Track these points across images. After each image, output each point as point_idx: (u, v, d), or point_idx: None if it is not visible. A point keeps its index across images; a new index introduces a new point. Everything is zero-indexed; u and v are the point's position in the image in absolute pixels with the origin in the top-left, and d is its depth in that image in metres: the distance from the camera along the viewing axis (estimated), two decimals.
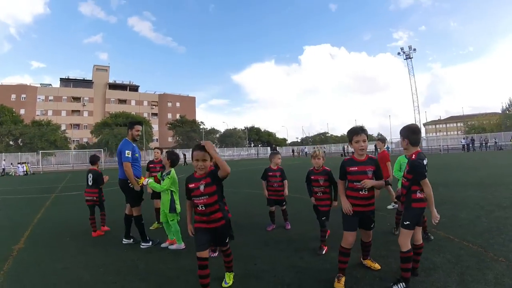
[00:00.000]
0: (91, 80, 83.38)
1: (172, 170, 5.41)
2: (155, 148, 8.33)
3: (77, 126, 77.88)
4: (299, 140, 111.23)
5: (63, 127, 62.37)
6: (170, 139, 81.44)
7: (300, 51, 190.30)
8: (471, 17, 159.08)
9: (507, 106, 66.98)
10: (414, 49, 70.47)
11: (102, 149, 46.95)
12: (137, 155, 5.68)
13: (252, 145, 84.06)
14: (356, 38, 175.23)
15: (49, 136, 52.21)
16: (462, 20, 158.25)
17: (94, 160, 7.28)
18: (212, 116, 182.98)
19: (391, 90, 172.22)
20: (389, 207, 7.65)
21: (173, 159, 5.50)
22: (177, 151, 53.70)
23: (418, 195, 3.48)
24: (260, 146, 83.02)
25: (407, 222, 3.46)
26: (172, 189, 5.30)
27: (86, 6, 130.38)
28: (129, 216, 5.72)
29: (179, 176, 5.51)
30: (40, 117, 63.40)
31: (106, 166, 44.37)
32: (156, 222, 6.74)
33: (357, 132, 3.76)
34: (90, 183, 6.86)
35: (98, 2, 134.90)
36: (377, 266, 4.00)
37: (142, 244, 5.52)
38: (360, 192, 3.65)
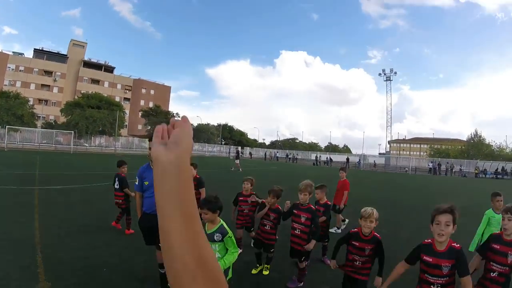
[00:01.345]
0: (66, 55, 78.93)
1: (222, 222, 3.55)
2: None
3: (45, 102, 73.39)
4: (267, 143, 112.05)
5: (30, 102, 59.10)
6: (140, 127, 79.65)
7: (276, 54, 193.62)
8: (445, 47, 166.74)
9: (472, 136, 71.37)
10: (395, 72, 73.71)
11: (72, 131, 44.88)
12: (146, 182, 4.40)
13: (223, 142, 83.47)
14: (333, 50, 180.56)
15: (17, 110, 49.18)
16: (436, 48, 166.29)
17: (120, 164, 7.49)
18: (180, 107, 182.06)
19: (359, 105, 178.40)
20: (331, 230, 7.69)
21: (214, 205, 3.49)
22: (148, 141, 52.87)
23: None
24: (232, 146, 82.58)
25: None
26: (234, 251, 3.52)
27: None
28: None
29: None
30: (8, 88, 59.42)
31: (76, 149, 42.88)
32: None
33: (441, 210, 2.97)
34: (116, 187, 7.23)
35: None
36: None
37: None
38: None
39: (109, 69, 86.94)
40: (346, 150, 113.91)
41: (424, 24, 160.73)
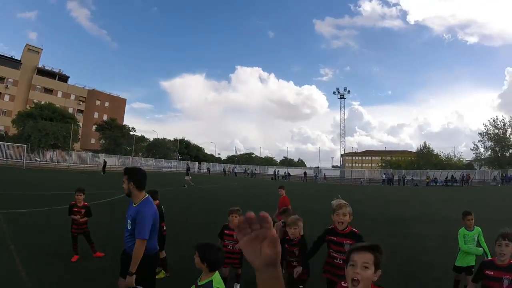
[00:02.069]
0: (20, 61, 74.47)
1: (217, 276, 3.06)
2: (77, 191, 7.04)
3: None
4: (222, 158, 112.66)
5: None
6: (93, 141, 77.45)
7: (232, 70, 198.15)
8: (394, 66, 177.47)
9: (421, 147, 77.01)
10: (349, 91, 79.14)
11: (25, 145, 43.17)
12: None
13: (179, 158, 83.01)
14: (287, 67, 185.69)
15: None
16: (385, 66, 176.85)
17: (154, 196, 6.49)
18: (134, 120, 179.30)
19: (311, 120, 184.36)
20: None
21: (214, 259, 3.05)
22: (103, 156, 49.99)
23: None
24: (189, 161, 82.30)
25: None
26: None
27: None
28: None
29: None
30: None
31: (29, 164, 41.35)
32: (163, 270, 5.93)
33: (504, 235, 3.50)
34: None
35: None
36: None
37: None
38: None
39: (63, 78, 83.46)
40: (301, 163, 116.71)
41: (374, 45, 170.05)
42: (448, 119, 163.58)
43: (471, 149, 67.86)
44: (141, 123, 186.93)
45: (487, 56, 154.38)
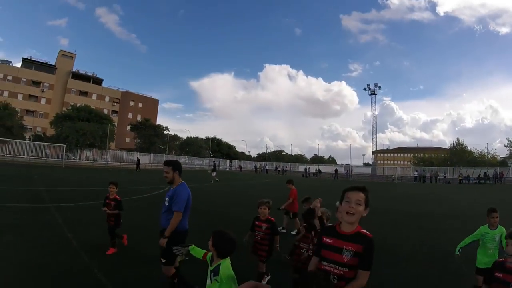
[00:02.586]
0: (55, 66, 77.77)
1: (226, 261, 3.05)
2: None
3: (31, 113, 71.48)
4: (252, 155, 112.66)
5: (18, 112, 57.98)
6: (127, 140, 79.11)
7: (260, 68, 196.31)
8: (425, 59, 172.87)
9: (454, 144, 74.55)
10: (379, 87, 76.41)
11: (64, 145, 44.25)
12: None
13: (211, 155, 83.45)
14: (315, 64, 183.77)
15: (6, 121, 48.44)
16: (416, 60, 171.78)
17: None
18: (164, 120, 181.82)
19: (341, 116, 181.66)
20: (292, 232, 8.77)
21: (223, 247, 3.08)
22: (138, 155, 50.88)
23: None
24: (221, 158, 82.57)
25: None
26: None
27: None
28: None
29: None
30: None
31: (67, 163, 42.33)
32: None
33: None
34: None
35: None
36: None
37: None
38: None
39: (97, 81, 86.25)
40: (332, 161, 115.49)
41: (403, 38, 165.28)
42: (482, 114, 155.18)
43: (505, 146, 64.46)
44: (171, 122, 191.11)
45: None
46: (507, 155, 66.29)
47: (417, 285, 5.70)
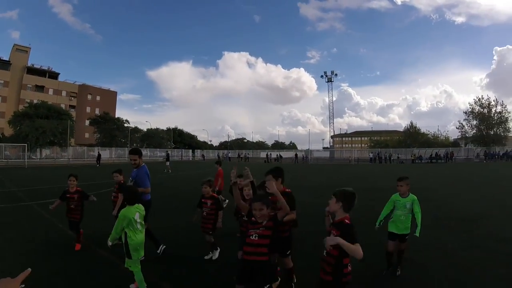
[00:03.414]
0: (9, 61, 74.90)
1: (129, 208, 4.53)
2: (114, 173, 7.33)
3: None
4: (214, 144, 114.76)
5: None
6: (87, 135, 78.66)
7: (219, 56, 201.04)
8: (382, 47, 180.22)
9: (408, 127, 79.89)
10: (336, 74, 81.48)
11: (25, 144, 44.26)
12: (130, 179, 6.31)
13: (173, 146, 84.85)
14: (274, 51, 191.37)
15: None
16: (373, 47, 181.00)
17: (120, 173, 7.28)
18: (122, 112, 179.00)
19: (300, 103, 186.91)
20: None
21: (126, 197, 4.74)
22: (98, 149, 51.32)
23: None
24: (183, 149, 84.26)
25: None
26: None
27: None
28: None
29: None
30: None
31: (29, 163, 42.77)
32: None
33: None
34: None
35: None
36: None
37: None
38: None
39: (54, 75, 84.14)
40: (292, 146, 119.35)
41: (360, 26, 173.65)
42: (437, 98, 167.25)
43: (456, 128, 70.56)
44: (130, 114, 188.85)
45: (475, 35, 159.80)
46: (458, 137, 72.59)
47: None
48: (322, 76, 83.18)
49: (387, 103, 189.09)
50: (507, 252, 6.22)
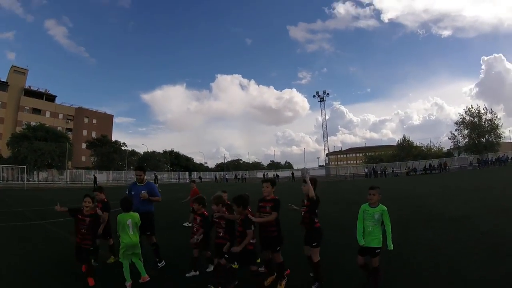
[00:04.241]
0: (6, 82, 74.76)
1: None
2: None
3: None
4: (210, 166, 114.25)
5: None
6: (83, 158, 78.04)
7: (212, 78, 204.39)
8: (371, 64, 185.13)
9: (401, 141, 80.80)
10: (328, 94, 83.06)
11: (25, 166, 44.20)
12: (132, 193, 6.75)
13: (170, 169, 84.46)
14: (266, 73, 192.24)
15: None
16: (362, 65, 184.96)
17: (101, 191, 7.18)
18: (117, 135, 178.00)
19: (294, 123, 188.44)
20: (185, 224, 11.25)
21: (123, 205, 5.71)
22: (94, 173, 51.13)
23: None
24: (180, 171, 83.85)
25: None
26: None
27: None
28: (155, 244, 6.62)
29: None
30: None
31: (28, 185, 42.42)
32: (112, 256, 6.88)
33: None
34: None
35: None
36: None
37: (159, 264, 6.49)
38: None
39: (50, 98, 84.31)
40: (288, 166, 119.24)
41: (349, 45, 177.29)
42: (428, 111, 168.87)
43: (448, 138, 71.47)
44: (124, 137, 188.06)
45: (462, 47, 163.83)
46: (451, 147, 73.62)
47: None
48: (314, 96, 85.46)
49: (380, 119, 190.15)
50: (487, 243, 7.13)
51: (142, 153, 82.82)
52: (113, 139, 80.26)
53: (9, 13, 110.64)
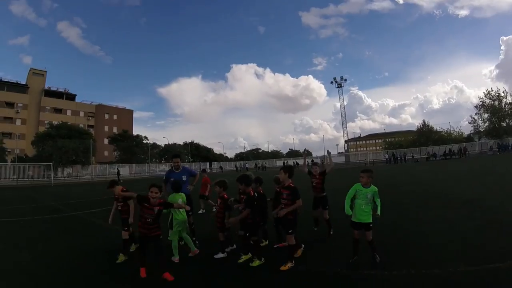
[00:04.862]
0: (26, 85, 76.92)
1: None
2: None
3: (8, 135, 69.62)
4: (229, 156, 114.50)
5: None
6: (106, 153, 79.16)
7: (227, 69, 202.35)
8: (387, 47, 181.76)
9: (421, 126, 79.10)
10: (345, 79, 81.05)
11: (51, 163, 44.79)
12: (171, 178, 7.27)
13: (191, 160, 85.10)
14: (281, 61, 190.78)
15: None
16: (378, 49, 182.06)
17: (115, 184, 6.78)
18: (136, 129, 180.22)
19: (312, 110, 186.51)
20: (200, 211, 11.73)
21: (174, 187, 6.71)
22: (118, 166, 51.95)
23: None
24: (200, 162, 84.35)
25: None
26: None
27: (18, 5, 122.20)
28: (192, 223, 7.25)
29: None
30: None
31: (55, 181, 43.28)
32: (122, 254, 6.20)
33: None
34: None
35: (31, 2, 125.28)
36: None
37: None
38: None
39: (71, 97, 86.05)
40: (308, 154, 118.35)
41: (363, 29, 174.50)
42: (448, 94, 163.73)
43: (469, 122, 69.00)
44: (143, 131, 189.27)
45: (480, 27, 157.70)
46: (472, 131, 71.23)
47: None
48: (331, 83, 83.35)
49: (399, 104, 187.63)
50: (498, 221, 7.58)
51: (163, 146, 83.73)
52: (134, 133, 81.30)
53: (22, 19, 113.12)
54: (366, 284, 4.61)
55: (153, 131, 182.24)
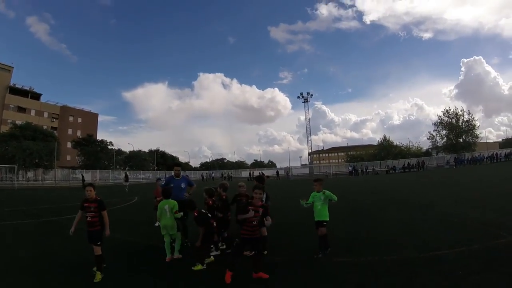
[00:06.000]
0: None
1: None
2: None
3: None
4: (193, 165, 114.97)
5: None
6: (69, 158, 77.17)
7: (194, 77, 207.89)
8: (352, 65, 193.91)
9: (382, 140, 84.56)
10: (311, 95, 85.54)
11: (15, 166, 44.18)
12: (171, 185, 8.11)
13: (156, 168, 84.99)
14: (248, 72, 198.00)
15: None
16: (343, 66, 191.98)
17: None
18: (98, 134, 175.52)
19: (276, 122, 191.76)
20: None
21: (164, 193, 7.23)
22: (81, 171, 50.99)
23: None
24: (166, 171, 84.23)
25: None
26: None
27: None
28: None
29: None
30: None
31: (18, 185, 42.51)
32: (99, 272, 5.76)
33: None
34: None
35: None
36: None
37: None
38: None
39: (35, 96, 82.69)
40: (271, 165, 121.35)
41: (330, 46, 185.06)
42: (408, 111, 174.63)
43: (427, 138, 73.91)
44: (105, 136, 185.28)
45: (443, 49, 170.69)
46: (430, 147, 76.84)
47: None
48: (298, 97, 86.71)
49: (361, 119, 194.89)
50: (449, 221, 9.40)
51: (127, 152, 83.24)
52: (98, 138, 79.97)
53: None
54: (341, 268, 5.81)
55: (115, 136, 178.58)
